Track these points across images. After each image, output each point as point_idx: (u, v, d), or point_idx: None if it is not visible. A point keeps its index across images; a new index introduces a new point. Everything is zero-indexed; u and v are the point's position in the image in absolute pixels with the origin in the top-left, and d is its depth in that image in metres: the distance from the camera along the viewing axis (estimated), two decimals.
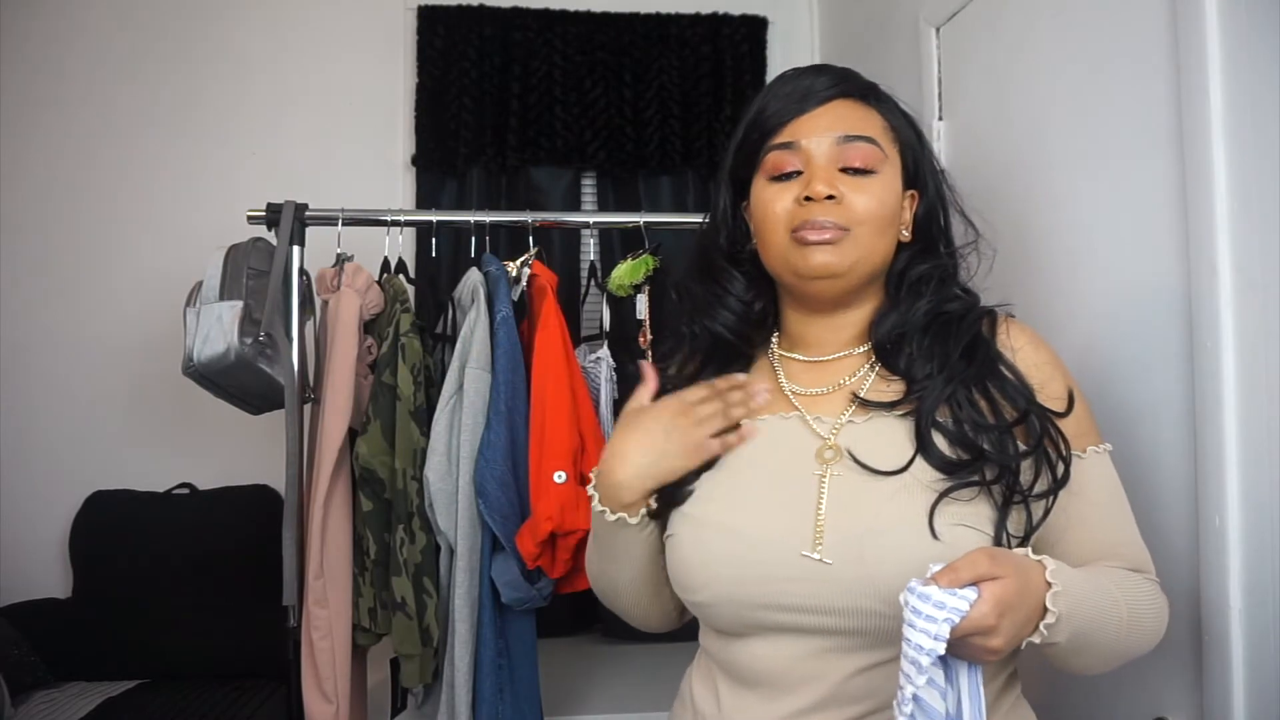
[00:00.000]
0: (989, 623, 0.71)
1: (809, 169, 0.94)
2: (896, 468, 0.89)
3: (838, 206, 0.92)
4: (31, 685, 2.17)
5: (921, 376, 0.93)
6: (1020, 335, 0.96)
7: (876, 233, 0.94)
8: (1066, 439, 0.90)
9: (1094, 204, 1.26)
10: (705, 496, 0.96)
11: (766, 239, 0.97)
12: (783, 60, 2.74)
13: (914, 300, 0.97)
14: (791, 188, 0.95)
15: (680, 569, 0.95)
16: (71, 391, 2.54)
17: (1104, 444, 0.95)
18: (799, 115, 0.96)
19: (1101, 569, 0.90)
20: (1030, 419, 0.90)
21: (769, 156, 0.97)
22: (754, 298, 1.03)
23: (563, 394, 1.64)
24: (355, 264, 1.75)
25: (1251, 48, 0.99)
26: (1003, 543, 0.87)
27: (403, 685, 1.75)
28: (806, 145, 0.95)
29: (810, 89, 0.97)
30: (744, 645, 0.93)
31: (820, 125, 0.95)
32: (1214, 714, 1.01)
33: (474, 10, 2.62)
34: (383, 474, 1.70)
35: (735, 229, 1.04)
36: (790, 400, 0.99)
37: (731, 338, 1.03)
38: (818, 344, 1.01)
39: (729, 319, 1.03)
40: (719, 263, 1.04)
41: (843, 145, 0.94)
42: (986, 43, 1.57)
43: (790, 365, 1.02)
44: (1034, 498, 0.89)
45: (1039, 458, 0.89)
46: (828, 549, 0.87)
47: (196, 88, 2.62)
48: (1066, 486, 0.90)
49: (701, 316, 1.04)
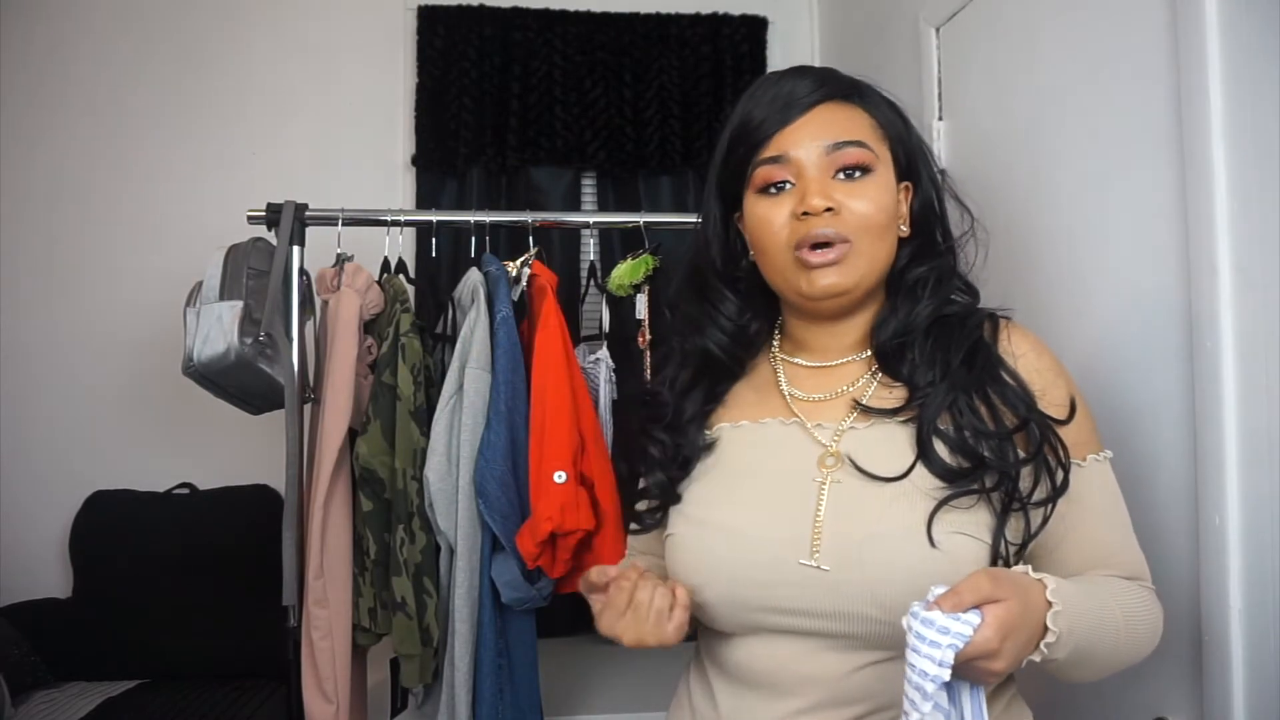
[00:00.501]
0: (992, 647, 0.71)
1: (801, 180, 0.93)
2: (896, 474, 0.88)
3: (836, 217, 0.91)
4: (31, 685, 2.17)
5: (923, 384, 0.92)
6: (1023, 341, 0.96)
7: (878, 239, 0.94)
8: (1066, 447, 0.90)
9: (1094, 204, 1.26)
10: (706, 498, 0.97)
11: (767, 257, 0.96)
12: (783, 60, 2.74)
13: (914, 304, 0.96)
14: (785, 200, 0.94)
15: (679, 568, 0.95)
16: (71, 391, 2.54)
17: (1104, 452, 0.94)
18: (784, 126, 0.94)
19: (1098, 580, 0.89)
20: (1030, 426, 0.89)
21: (759, 171, 0.95)
22: (749, 318, 1.03)
23: (563, 394, 1.64)
24: (355, 264, 1.75)
25: (1251, 48, 0.99)
26: (1001, 550, 0.87)
27: (403, 685, 1.75)
28: (796, 155, 0.93)
29: (793, 95, 0.95)
30: (741, 645, 0.93)
31: (807, 134, 0.94)
32: (1214, 714, 1.01)
33: (474, 10, 2.62)
34: (383, 474, 1.70)
35: (728, 242, 1.03)
36: (790, 407, 0.99)
37: (723, 357, 1.03)
38: (820, 349, 1.01)
39: (721, 339, 1.02)
40: (712, 281, 1.03)
41: (833, 152, 0.93)
42: (986, 43, 1.57)
43: (791, 370, 1.02)
44: (1033, 505, 0.89)
45: (1038, 465, 0.89)
46: (825, 555, 0.87)
47: (197, 88, 2.61)
48: (1067, 494, 0.90)
49: (694, 334, 1.04)
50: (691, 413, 1.02)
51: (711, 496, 0.97)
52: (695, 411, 1.02)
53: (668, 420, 1.02)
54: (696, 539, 0.94)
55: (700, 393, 1.03)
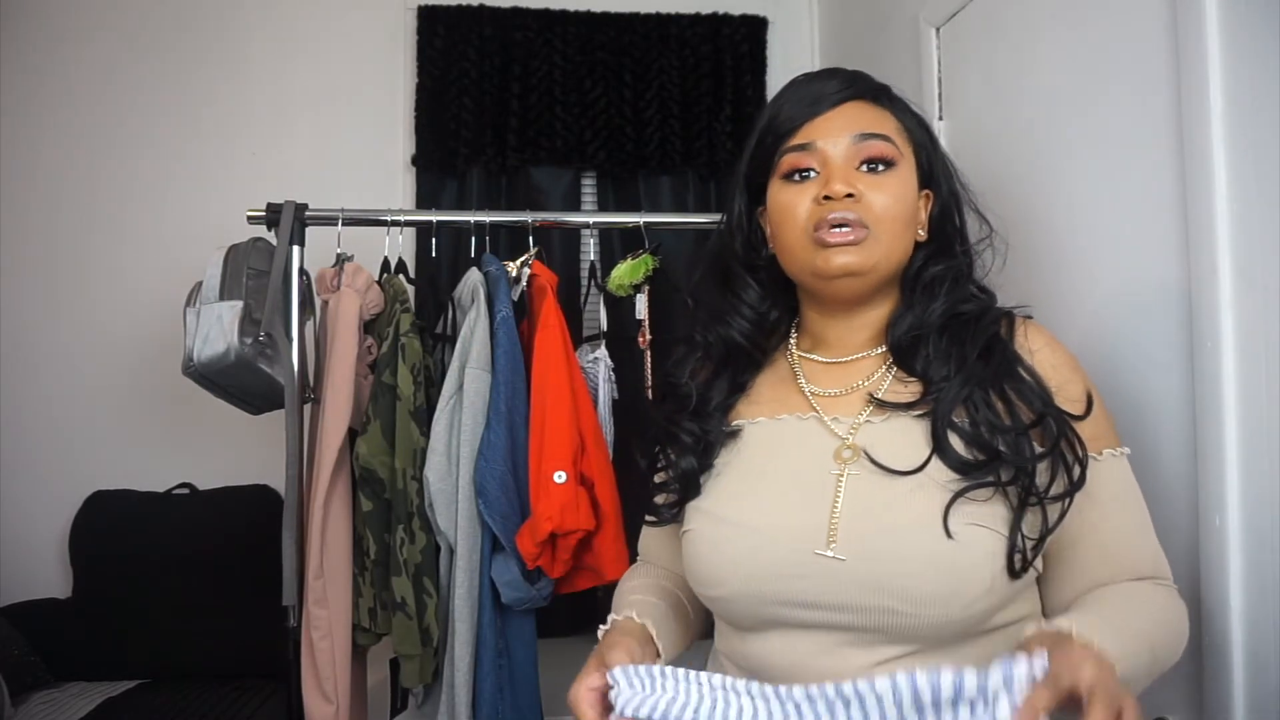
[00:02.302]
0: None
1: (826, 169, 0.95)
2: (912, 467, 0.89)
3: (857, 204, 0.93)
4: (31, 685, 2.17)
5: (938, 378, 0.93)
6: (1039, 337, 0.96)
7: (897, 231, 0.95)
8: (1083, 441, 0.90)
9: (1094, 204, 1.26)
10: (722, 493, 0.98)
11: (785, 240, 0.98)
12: (783, 60, 2.74)
13: (929, 301, 0.97)
14: (809, 188, 0.96)
15: (696, 564, 0.96)
16: (71, 391, 2.54)
17: (1121, 448, 0.94)
18: (813, 117, 0.97)
19: (1123, 601, 0.88)
20: (1047, 421, 0.90)
21: (785, 158, 0.97)
22: (770, 306, 1.05)
23: (563, 394, 1.64)
24: (355, 264, 1.75)
25: (1251, 48, 0.99)
26: (1017, 544, 0.87)
27: (403, 685, 1.75)
28: (823, 145, 0.96)
29: (823, 92, 0.98)
30: (760, 641, 0.93)
31: (835, 126, 0.96)
32: (1214, 714, 1.02)
33: (474, 10, 2.61)
34: (383, 474, 1.70)
35: (751, 234, 1.05)
36: (809, 401, 1.00)
37: (746, 345, 1.04)
38: (837, 344, 1.02)
39: (744, 327, 1.04)
40: (735, 270, 1.05)
41: (859, 143, 0.95)
42: (986, 43, 1.57)
43: (809, 366, 1.03)
44: (1050, 500, 0.89)
45: (1055, 460, 0.89)
46: (841, 546, 0.88)
47: (197, 88, 2.61)
48: (1084, 490, 0.90)
49: (716, 324, 1.05)
50: (717, 400, 1.03)
51: (729, 492, 0.97)
52: (720, 400, 1.03)
53: (693, 407, 1.03)
54: (713, 534, 0.95)
55: (725, 382, 1.04)
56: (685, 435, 1.01)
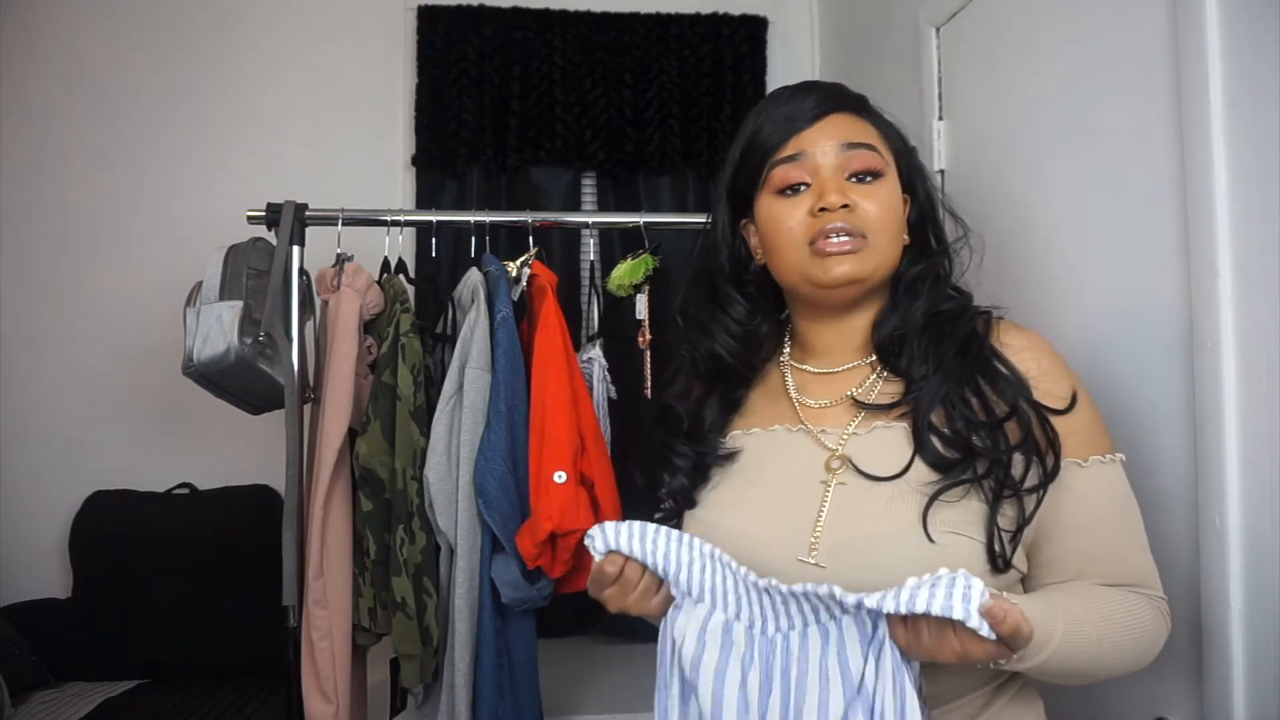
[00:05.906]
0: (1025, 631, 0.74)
1: (817, 179, 0.97)
2: (894, 473, 0.90)
3: (852, 214, 0.95)
4: (31, 685, 2.17)
5: (918, 377, 0.94)
6: (1018, 335, 0.98)
7: (891, 238, 0.97)
8: (1056, 432, 0.91)
9: (1093, 204, 1.26)
10: (717, 503, 1.00)
11: (781, 255, 0.99)
12: (783, 60, 2.75)
13: (912, 301, 0.99)
14: (802, 201, 0.97)
15: None
16: (71, 391, 2.54)
17: (1114, 454, 0.94)
18: (800, 130, 0.98)
19: (1081, 590, 0.89)
20: (1020, 412, 0.90)
21: (775, 171, 0.98)
22: (758, 321, 1.06)
23: (563, 394, 1.64)
24: (355, 264, 1.75)
25: (1252, 48, 0.99)
26: (996, 546, 0.88)
27: (403, 685, 1.75)
28: (813, 155, 0.97)
29: (805, 105, 1.00)
30: None
31: (823, 136, 0.98)
32: (1214, 714, 1.01)
33: (474, 10, 2.62)
34: (383, 474, 1.70)
35: (736, 248, 1.05)
36: (798, 414, 1.01)
37: (735, 363, 1.05)
38: (827, 351, 1.03)
39: (730, 344, 1.05)
40: (720, 285, 1.06)
41: (847, 153, 0.97)
42: (986, 43, 1.57)
43: (800, 376, 1.05)
44: (1025, 491, 0.89)
45: (1028, 451, 0.90)
46: (823, 554, 0.90)
47: (197, 88, 2.62)
48: (1066, 492, 0.90)
49: (704, 339, 1.06)
50: (711, 420, 1.05)
51: (722, 502, 1.00)
52: (714, 419, 1.05)
53: (687, 429, 1.04)
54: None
55: (716, 400, 1.06)
56: (679, 459, 1.03)
